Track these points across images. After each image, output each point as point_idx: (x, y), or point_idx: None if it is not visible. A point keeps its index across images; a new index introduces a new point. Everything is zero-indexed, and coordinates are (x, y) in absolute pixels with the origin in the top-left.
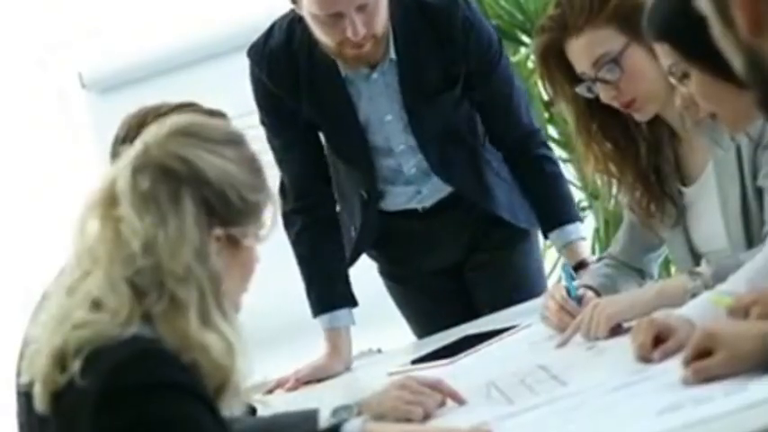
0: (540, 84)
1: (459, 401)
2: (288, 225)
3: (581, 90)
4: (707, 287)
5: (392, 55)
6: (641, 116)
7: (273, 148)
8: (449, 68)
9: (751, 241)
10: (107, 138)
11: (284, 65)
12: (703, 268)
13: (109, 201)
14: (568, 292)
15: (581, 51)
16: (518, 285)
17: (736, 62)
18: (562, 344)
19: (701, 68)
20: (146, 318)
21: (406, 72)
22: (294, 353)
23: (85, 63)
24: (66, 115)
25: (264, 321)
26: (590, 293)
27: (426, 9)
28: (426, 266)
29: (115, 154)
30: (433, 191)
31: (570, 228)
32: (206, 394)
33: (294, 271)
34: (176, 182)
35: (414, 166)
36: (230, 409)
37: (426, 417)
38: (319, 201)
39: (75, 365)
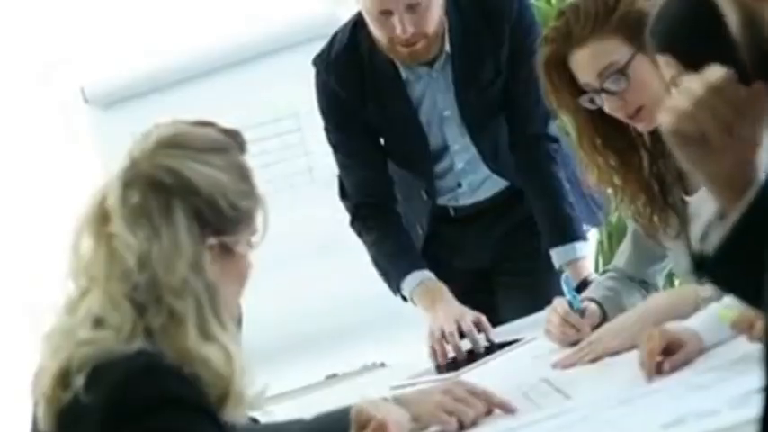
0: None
1: (509, 411)
2: (355, 220)
3: (584, 101)
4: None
5: (447, 48)
6: (645, 126)
7: (337, 153)
8: (499, 57)
9: None
10: (110, 153)
11: (350, 69)
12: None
13: (100, 218)
14: (571, 305)
15: (586, 62)
16: (543, 296)
17: (732, 19)
18: (562, 366)
19: None
20: (148, 332)
21: (460, 64)
22: (298, 366)
23: (88, 78)
24: (69, 130)
25: (269, 334)
26: (593, 306)
27: (481, 1)
28: (458, 266)
29: None
30: (471, 186)
31: (573, 246)
32: (210, 407)
33: (297, 287)
34: (166, 194)
35: (463, 162)
36: (234, 418)
37: (462, 427)
38: (383, 202)
39: (79, 381)
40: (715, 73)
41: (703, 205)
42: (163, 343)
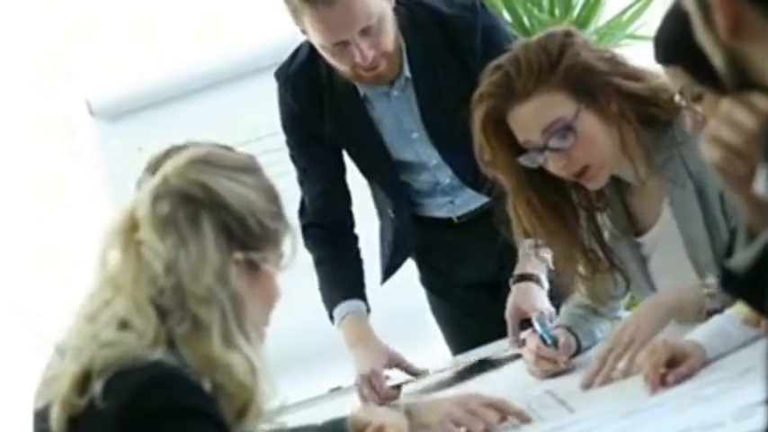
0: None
1: (526, 420)
2: (306, 237)
3: (525, 160)
4: (725, 305)
5: (407, 73)
6: (594, 185)
7: (297, 168)
8: (469, 81)
9: None
10: (115, 165)
11: (308, 85)
12: (711, 283)
13: (129, 227)
14: (543, 340)
15: (529, 118)
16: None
17: (716, 61)
18: (587, 384)
19: (716, 91)
20: (170, 341)
21: (423, 88)
22: (302, 378)
23: (93, 90)
24: (74, 142)
25: (273, 347)
26: (564, 335)
27: (442, 20)
28: (461, 279)
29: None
30: (467, 201)
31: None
32: (225, 422)
33: (301, 299)
34: (195, 206)
35: (448, 177)
36: (251, 430)
37: None
38: (337, 221)
39: (98, 386)
40: (762, 102)
41: (660, 242)
42: (186, 351)
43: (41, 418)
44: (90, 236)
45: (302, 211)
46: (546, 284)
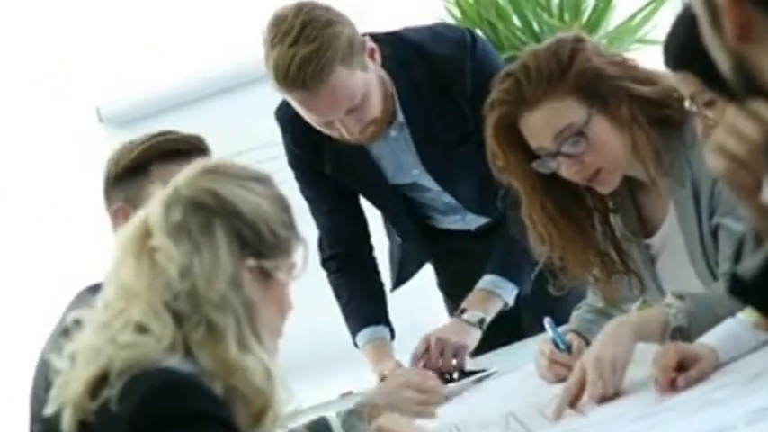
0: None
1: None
2: (326, 270)
3: (538, 166)
4: (690, 320)
5: (400, 117)
6: (606, 188)
7: (307, 201)
8: (462, 121)
9: (717, 280)
10: None
11: (306, 130)
12: (673, 301)
13: (143, 236)
14: (556, 344)
15: (541, 125)
16: (566, 307)
17: (724, 66)
18: (558, 414)
19: (726, 96)
20: (186, 347)
21: (418, 131)
22: (312, 383)
23: (103, 97)
24: (84, 149)
25: (282, 352)
26: (577, 340)
27: (432, 62)
28: (476, 281)
29: (109, 192)
30: (477, 217)
31: (495, 278)
32: (238, 427)
33: (311, 305)
34: (207, 213)
35: (454, 200)
36: None
37: None
38: (353, 249)
39: (115, 388)
40: (767, 112)
41: (666, 243)
42: (202, 357)
43: (51, 423)
44: (99, 242)
45: (320, 246)
46: (477, 321)
